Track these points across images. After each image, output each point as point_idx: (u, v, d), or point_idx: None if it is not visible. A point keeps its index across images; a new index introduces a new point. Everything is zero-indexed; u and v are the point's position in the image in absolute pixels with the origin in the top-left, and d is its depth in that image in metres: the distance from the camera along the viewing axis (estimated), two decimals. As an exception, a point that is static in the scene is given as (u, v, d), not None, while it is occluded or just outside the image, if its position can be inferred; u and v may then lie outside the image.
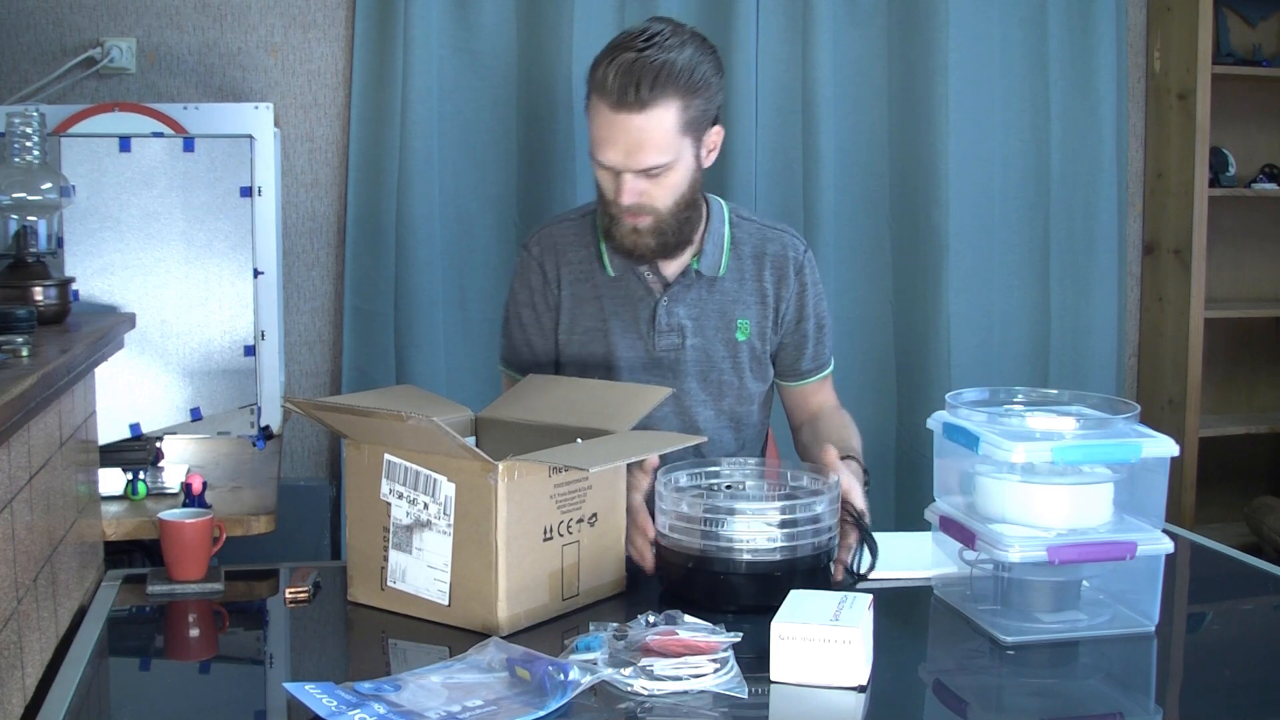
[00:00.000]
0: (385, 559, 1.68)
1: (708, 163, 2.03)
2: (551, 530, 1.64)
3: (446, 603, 1.63)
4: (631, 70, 1.88)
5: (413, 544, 1.65)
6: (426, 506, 1.63)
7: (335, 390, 3.16)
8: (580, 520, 1.68)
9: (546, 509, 1.63)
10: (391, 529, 1.67)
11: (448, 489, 1.61)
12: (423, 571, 1.64)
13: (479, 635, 1.56)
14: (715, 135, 2.01)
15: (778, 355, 2.16)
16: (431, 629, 1.63)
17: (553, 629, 1.62)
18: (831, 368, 2.22)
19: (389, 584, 1.68)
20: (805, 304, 2.13)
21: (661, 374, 2.08)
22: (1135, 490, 1.65)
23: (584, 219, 2.13)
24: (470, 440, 1.89)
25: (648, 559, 1.76)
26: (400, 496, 1.66)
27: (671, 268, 2.08)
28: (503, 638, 1.55)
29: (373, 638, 1.69)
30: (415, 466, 1.64)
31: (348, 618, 1.72)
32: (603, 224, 2.02)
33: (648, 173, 1.92)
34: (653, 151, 1.91)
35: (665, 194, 1.96)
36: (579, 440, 1.73)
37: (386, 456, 1.67)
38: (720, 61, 2.01)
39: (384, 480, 1.67)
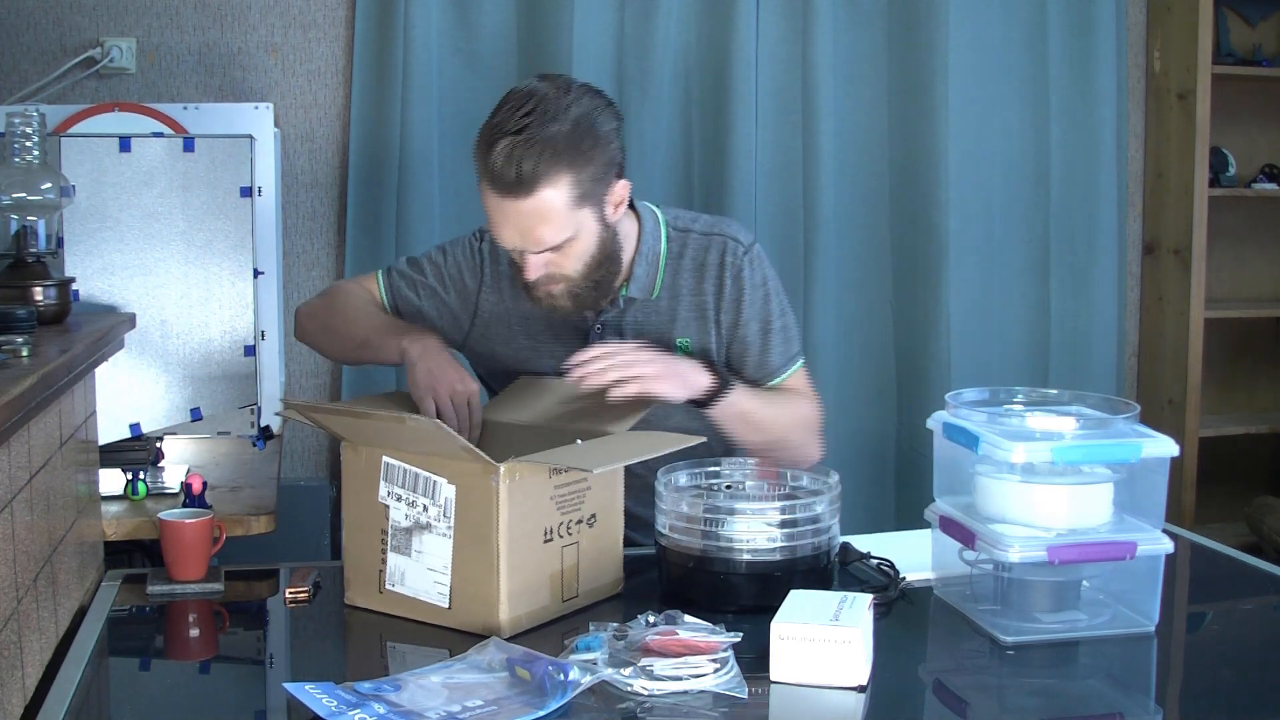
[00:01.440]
0: (384, 562, 1.67)
1: (616, 217, 1.91)
2: (552, 531, 1.64)
3: (447, 605, 1.62)
4: (512, 155, 1.77)
5: (412, 546, 1.65)
6: (426, 509, 1.63)
7: (335, 390, 3.16)
8: (579, 521, 1.67)
9: (547, 510, 1.63)
10: (390, 531, 1.66)
11: (448, 491, 1.61)
12: (422, 574, 1.64)
13: (479, 636, 1.56)
14: (620, 190, 1.89)
15: (727, 363, 2.05)
16: (431, 629, 1.63)
17: (553, 629, 1.62)
18: (787, 374, 2.05)
19: (387, 587, 1.67)
20: (741, 309, 1.99)
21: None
22: (1135, 490, 1.65)
23: None
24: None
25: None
26: (399, 499, 1.65)
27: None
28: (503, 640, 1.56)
29: (373, 638, 1.69)
30: (414, 469, 1.63)
31: (347, 618, 1.72)
32: (519, 283, 1.94)
33: (549, 249, 1.84)
34: (549, 232, 1.82)
35: (573, 262, 1.88)
36: (578, 441, 1.73)
37: (385, 459, 1.66)
38: (617, 111, 1.88)
39: (382, 483, 1.66)
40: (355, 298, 2.09)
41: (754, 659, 1.47)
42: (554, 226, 1.82)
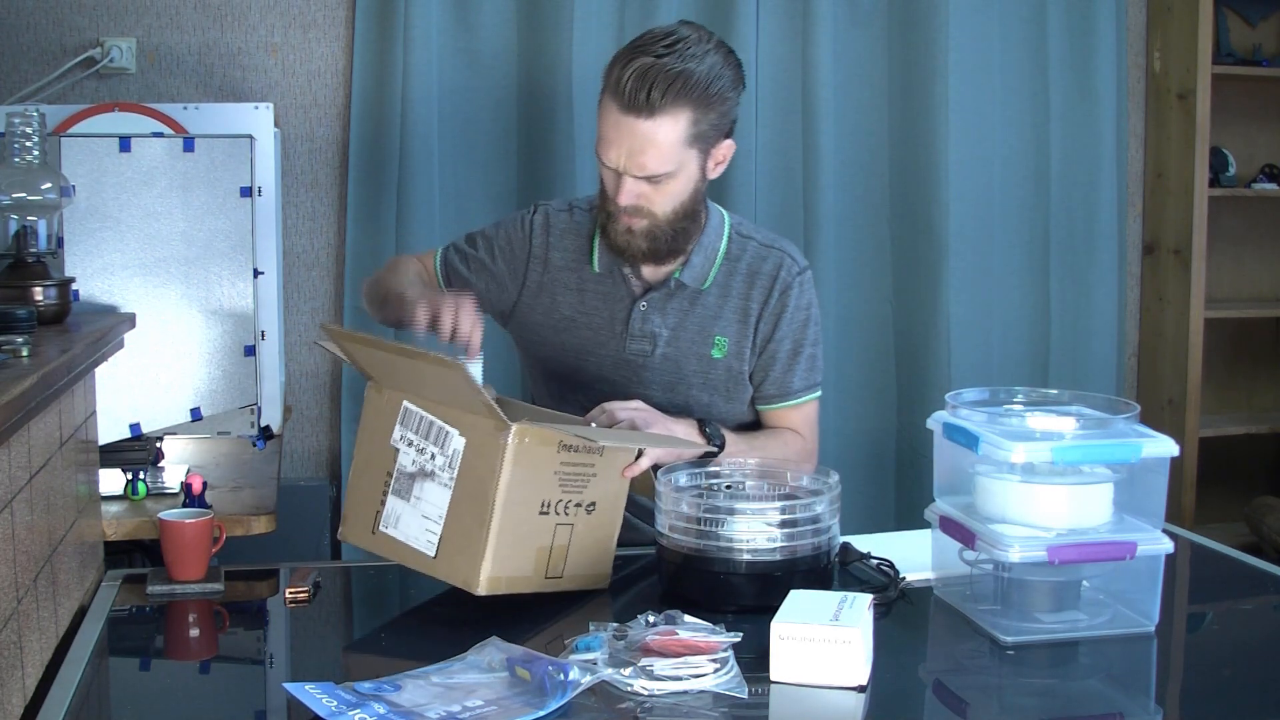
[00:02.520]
0: (383, 503, 1.69)
1: (714, 174, 1.99)
2: (549, 506, 1.65)
3: (433, 554, 1.64)
4: (646, 76, 1.84)
5: (412, 492, 1.66)
6: (434, 457, 1.65)
7: (335, 390, 3.17)
8: (579, 504, 1.68)
9: (549, 483, 1.64)
10: (395, 474, 1.68)
11: (457, 443, 1.63)
12: (416, 520, 1.66)
13: (477, 630, 1.56)
14: (725, 149, 1.97)
15: (751, 374, 2.09)
16: (431, 628, 1.63)
17: (553, 629, 1.62)
18: (803, 400, 2.09)
19: (380, 528, 1.69)
20: (780, 323, 2.05)
21: (628, 376, 2.05)
22: (1135, 490, 1.65)
23: (589, 211, 2.10)
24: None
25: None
26: (410, 444, 1.67)
27: (655, 274, 2.05)
28: (480, 594, 1.58)
29: (372, 637, 1.69)
30: (430, 417, 1.65)
31: (348, 616, 1.73)
32: (600, 219, 2.01)
33: (649, 178, 1.90)
34: (655, 159, 1.88)
35: (664, 201, 1.93)
36: (593, 424, 1.74)
37: (405, 403, 1.68)
38: (742, 75, 1.96)
39: (398, 426, 1.69)
40: (405, 264, 2.16)
41: (754, 659, 1.47)
42: (661, 156, 1.88)
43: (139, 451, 2.32)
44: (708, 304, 2.05)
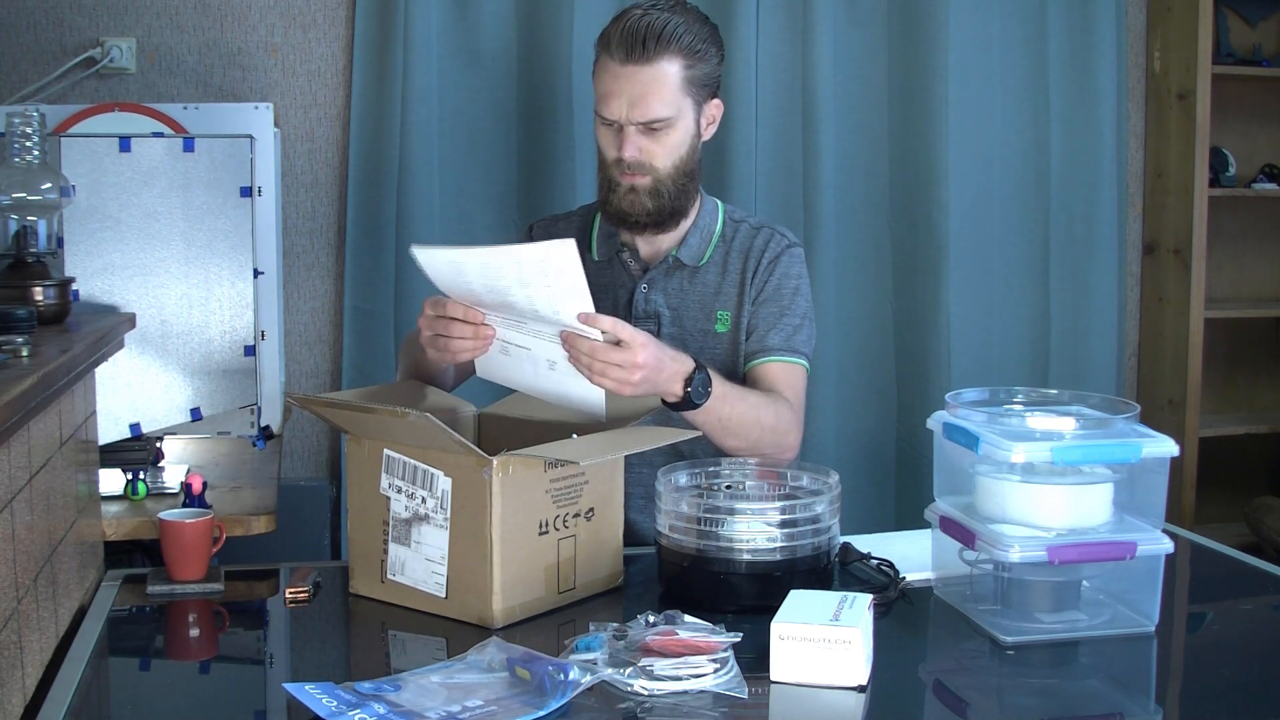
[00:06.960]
0: (385, 552, 1.70)
1: (707, 135, 2.07)
2: (547, 524, 1.65)
3: (444, 595, 1.64)
4: (640, 27, 1.96)
5: (411, 537, 1.66)
6: (424, 501, 1.65)
7: (336, 389, 3.16)
8: (577, 515, 1.68)
9: (542, 503, 1.64)
10: (391, 523, 1.69)
11: (444, 483, 1.62)
12: (421, 564, 1.66)
13: (477, 630, 1.57)
14: (715, 108, 2.07)
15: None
16: (431, 628, 1.63)
17: (553, 629, 1.62)
18: (782, 359, 2.05)
19: (389, 576, 1.69)
20: (768, 287, 2.08)
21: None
22: (1135, 490, 1.65)
23: (584, 215, 2.20)
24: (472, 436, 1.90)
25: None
26: (399, 491, 1.67)
27: (652, 254, 2.11)
28: (498, 629, 1.57)
29: (372, 637, 1.69)
30: (413, 461, 1.65)
31: (348, 616, 1.73)
32: (601, 196, 2.05)
33: (650, 126, 1.97)
34: (656, 103, 1.96)
35: (665, 154, 2.00)
36: (574, 435, 1.74)
37: (386, 451, 1.68)
38: (721, 41, 2.06)
39: (384, 475, 1.69)
40: (409, 345, 2.07)
41: (754, 659, 1.47)
42: (662, 100, 1.97)
43: (139, 451, 2.32)
44: (708, 281, 2.10)
